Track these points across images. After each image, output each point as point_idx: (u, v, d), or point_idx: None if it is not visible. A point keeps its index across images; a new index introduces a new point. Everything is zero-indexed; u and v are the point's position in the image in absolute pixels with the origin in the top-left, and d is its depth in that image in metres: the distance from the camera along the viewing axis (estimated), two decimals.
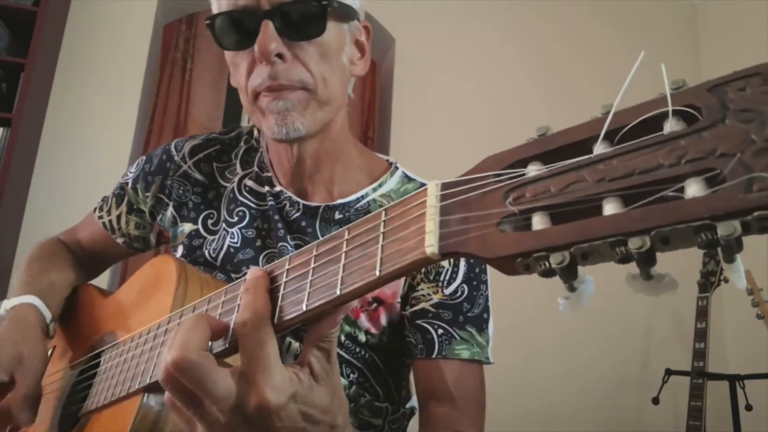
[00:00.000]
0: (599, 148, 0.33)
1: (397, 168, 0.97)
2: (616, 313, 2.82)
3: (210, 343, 0.54)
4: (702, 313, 2.35)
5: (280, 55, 0.77)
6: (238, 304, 0.56)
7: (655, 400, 2.36)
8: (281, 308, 0.51)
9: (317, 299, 0.48)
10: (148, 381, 0.65)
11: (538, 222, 0.34)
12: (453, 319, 0.86)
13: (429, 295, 0.87)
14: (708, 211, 0.26)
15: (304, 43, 0.79)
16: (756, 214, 0.25)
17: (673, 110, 0.30)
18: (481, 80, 3.16)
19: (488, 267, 0.91)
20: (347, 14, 0.84)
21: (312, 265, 0.50)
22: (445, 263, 0.87)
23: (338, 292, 0.46)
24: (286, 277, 0.52)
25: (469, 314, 0.87)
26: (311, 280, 0.50)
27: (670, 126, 0.30)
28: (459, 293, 0.87)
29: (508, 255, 0.34)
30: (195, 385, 0.47)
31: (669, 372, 2.40)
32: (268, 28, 0.76)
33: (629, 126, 0.32)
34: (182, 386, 0.47)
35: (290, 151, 0.88)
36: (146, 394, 0.66)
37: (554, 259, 0.31)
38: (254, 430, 0.49)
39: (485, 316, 0.90)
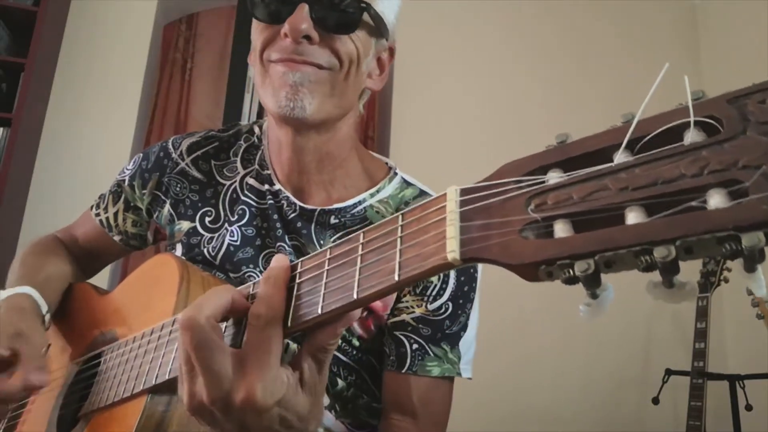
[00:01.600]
0: (620, 157, 0.33)
1: (396, 173, 0.96)
2: (616, 313, 2.81)
3: (229, 320, 0.55)
4: (702, 313, 2.35)
5: (308, 38, 0.78)
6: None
7: (655, 400, 2.36)
8: (296, 308, 0.51)
9: (333, 302, 0.48)
10: (153, 382, 0.65)
11: (561, 230, 0.34)
12: (431, 336, 0.85)
13: (411, 307, 0.86)
14: (733, 222, 0.27)
15: (333, 36, 0.80)
16: None
17: (694, 121, 0.30)
18: (480, 80, 3.16)
19: (478, 286, 0.90)
20: (379, 29, 0.85)
21: (326, 268, 0.50)
22: (434, 279, 0.86)
23: (355, 296, 0.46)
24: (300, 279, 0.52)
25: (447, 331, 0.87)
26: (326, 283, 0.50)
27: (691, 137, 0.31)
28: (443, 310, 0.86)
29: (532, 262, 0.34)
30: (194, 348, 0.49)
31: (669, 372, 2.41)
32: (303, 10, 0.77)
33: (650, 135, 0.32)
34: (185, 344, 0.49)
35: (291, 142, 0.87)
36: (151, 395, 0.66)
37: (579, 267, 0.32)
38: (229, 420, 0.50)
39: (462, 333, 0.88)
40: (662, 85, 0.37)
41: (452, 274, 0.87)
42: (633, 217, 0.31)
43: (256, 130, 1.00)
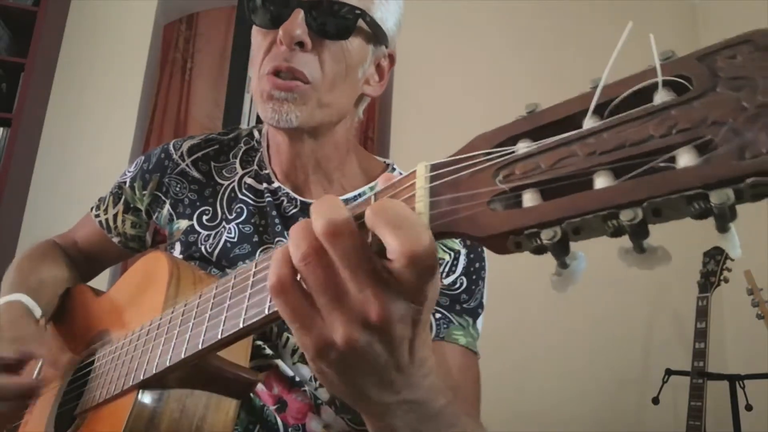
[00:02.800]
0: (589, 123, 0.32)
1: (394, 169, 0.98)
2: (616, 313, 2.81)
3: None
4: (702, 313, 2.34)
5: (301, 44, 0.79)
6: (227, 303, 0.56)
7: (655, 400, 2.35)
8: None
9: None
10: (141, 377, 0.65)
11: (529, 199, 0.33)
12: (450, 306, 0.85)
13: None
14: (700, 180, 0.26)
15: (326, 41, 0.81)
16: (749, 180, 0.25)
17: (663, 81, 0.29)
18: (480, 81, 3.16)
19: (487, 265, 0.91)
20: (377, 36, 0.86)
21: None
22: (445, 256, 0.87)
23: None
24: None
25: (465, 305, 0.87)
26: None
27: (660, 97, 0.29)
28: (458, 284, 0.87)
29: (499, 233, 0.34)
30: (349, 254, 0.39)
31: (669, 372, 2.39)
32: (299, 16, 0.78)
33: (619, 98, 0.31)
34: (326, 261, 0.41)
35: (288, 145, 0.89)
36: (141, 391, 0.66)
37: (545, 235, 0.31)
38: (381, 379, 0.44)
39: (480, 311, 0.89)
40: (646, 55, 0.36)
41: (462, 251, 0.88)
42: (601, 181, 0.30)
43: (256, 134, 1.02)
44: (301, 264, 0.41)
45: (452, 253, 0.88)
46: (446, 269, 0.87)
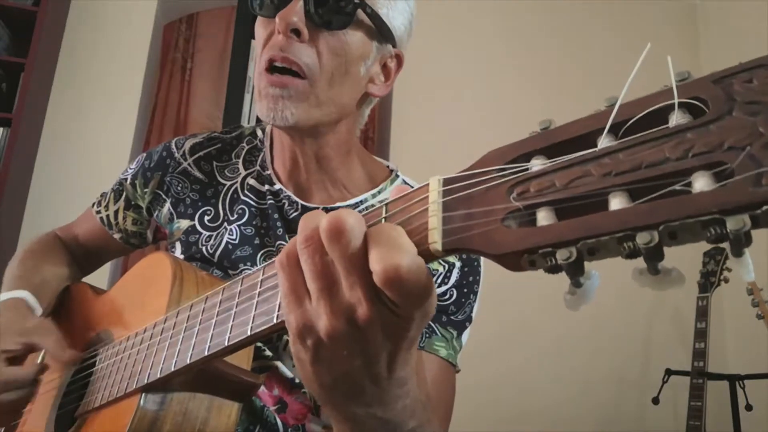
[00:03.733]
0: (604, 142, 0.32)
1: (397, 175, 0.97)
2: (616, 313, 2.82)
3: None
4: (702, 313, 2.34)
5: (297, 32, 0.78)
6: (234, 310, 0.56)
7: (655, 400, 2.35)
8: None
9: None
10: (146, 381, 0.65)
11: (544, 218, 0.33)
12: (436, 317, 0.85)
13: None
14: (717, 206, 0.26)
15: (325, 33, 0.80)
16: (765, 207, 0.25)
17: (679, 103, 0.30)
18: (481, 80, 3.16)
19: (482, 279, 0.90)
20: (382, 32, 0.84)
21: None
22: (439, 267, 0.86)
23: None
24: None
25: (452, 317, 0.86)
26: None
27: (676, 119, 0.30)
28: (448, 296, 0.86)
29: (513, 251, 0.34)
30: (348, 256, 0.39)
31: (669, 372, 2.40)
32: (297, 3, 0.77)
33: (634, 119, 0.31)
34: (319, 251, 0.41)
35: (289, 143, 0.89)
36: (144, 394, 0.66)
37: (561, 255, 0.31)
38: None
39: (467, 324, 0.88)
40: (656, 73, 0.36)
41: (456, 263, 0.88)
42: (616, 202, 0.30)
43: (259, 132, 1.01)
44: (301, 246, 0.41)
45: (446, 265, 0.87)
46: (438, 280, 0.86)
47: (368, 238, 0.39)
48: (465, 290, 0.88)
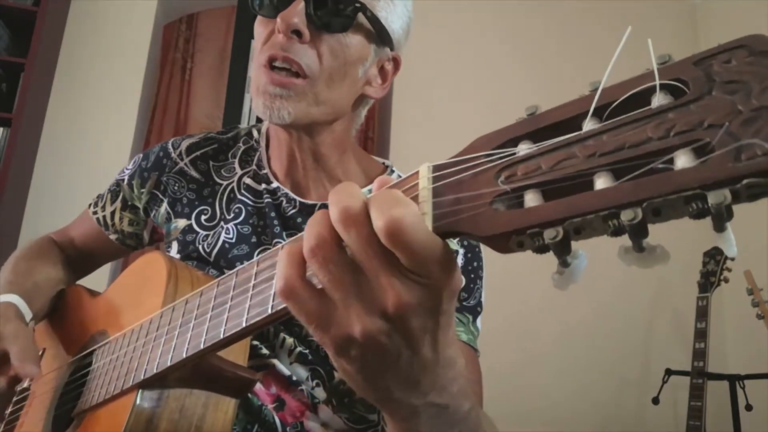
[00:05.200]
0: (588, 125, 0.33)
1: (393, 171, 0.98)
2: (616, 312, 2.82)
3: None
4: (702, 313, 2.34)
5: (298, 33, 0.79)
6: (229, 303, 0.56)
7: (655, 400, 2.35)
8: None
9: None
10: (142, 377, 0.65)
11: (531, 199, 0.34)
12: None
13: None
14: (698, 181, 0.27)
15: (325, 35, 0.80)
16: (745, 181, 0.26)
17: (660, 84, 0.30)
18: (480, 80, 3.17)
19: (485, 265, 0.92)
20: (380, 35, 0.85)
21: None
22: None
23: None
24: None
25: (464, 303, 0.88)
26: None
27: (658, 100, 0.30)
28: None
29: (502, 233, 0.34)
30: (364, 241, 0.38)
31: (669, 372, 2.40)
32: (299, 5, 0.78)
33: (617, 101, 0.32)
34: (336, 255, 0.40)
35: (286, 141, 0.90)
36: (141, 391, 0.66)
37: (548, 235, 0.32)
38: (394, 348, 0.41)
39: (479, 309, 0.90)
40: (645, 59, 0.36)
41: (460, 250, 0.89)
42: (601, 182, 0.31)
43: (255, 133, 1.02)
44: (311, 258, 0.40)
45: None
46: None
47: (368, 204, 0.39)
48: (472, 275, 0.89)
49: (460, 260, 0.89)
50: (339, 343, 0.41)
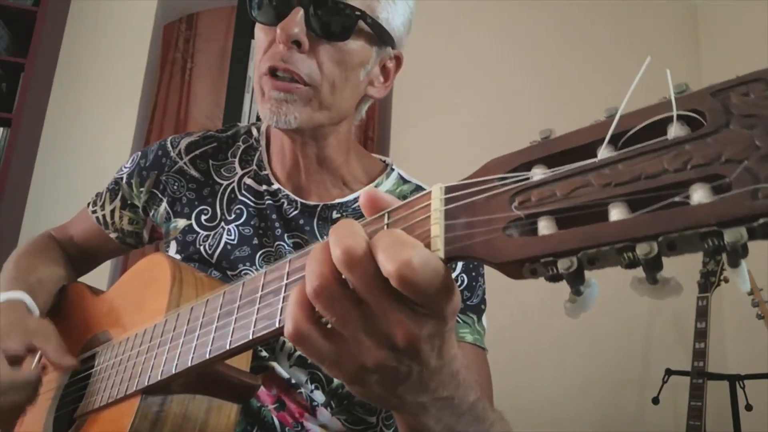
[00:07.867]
0: (604, 152, 0.33)
1: (393, 169, 0.98)
2: (616, 313, 2.82)
3: None
4: (702, 313, 2.34)
5: (298, 43, 0.78)
6: (236, 314, 0.56)
7: (655, 400, 2.36)
8: None
9: None
10: (146, 383, 0.65)
11: (545, 227, 0.34)
12: None
13: None
14: (715, 218, 0.27)
15: (325, 43, 0.80)
16: (762, 221, 0.26)
17: (677, 115, 0.30)
18: (480, 80, 3.16)
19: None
20: (381, 37, 0.85)
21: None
22: None
23: None
24: (289, 279, 0.52)
25: (468, 302, 0.88)
26: None
27: (675, 131, 0.30)
28: (458, 282, 0.87)
29: (515, 260, 0.34)
30: (369, 280, 0.39)
31: (669, 372, 2.40)
32: (298, 14, 0.77)
33: (634, 130, 0.32)
34: (342, 293, 0.41)
35: (290, 146, 0.89)
36: (144, 396, 0.66)
37: (562, 265, 0.31)
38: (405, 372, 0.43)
39: (483, 307, 0.90)
40: (655, 80, 0.36)
41: None
42: (616, 213, 0.30)
43: (254, 131, 1.01)
44: (315, 299, 0.41)
45: None
46: None
47: (372, 247, 0.39)
48: (473, 273, 0.89)
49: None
50: (353, 376, 0.43)
